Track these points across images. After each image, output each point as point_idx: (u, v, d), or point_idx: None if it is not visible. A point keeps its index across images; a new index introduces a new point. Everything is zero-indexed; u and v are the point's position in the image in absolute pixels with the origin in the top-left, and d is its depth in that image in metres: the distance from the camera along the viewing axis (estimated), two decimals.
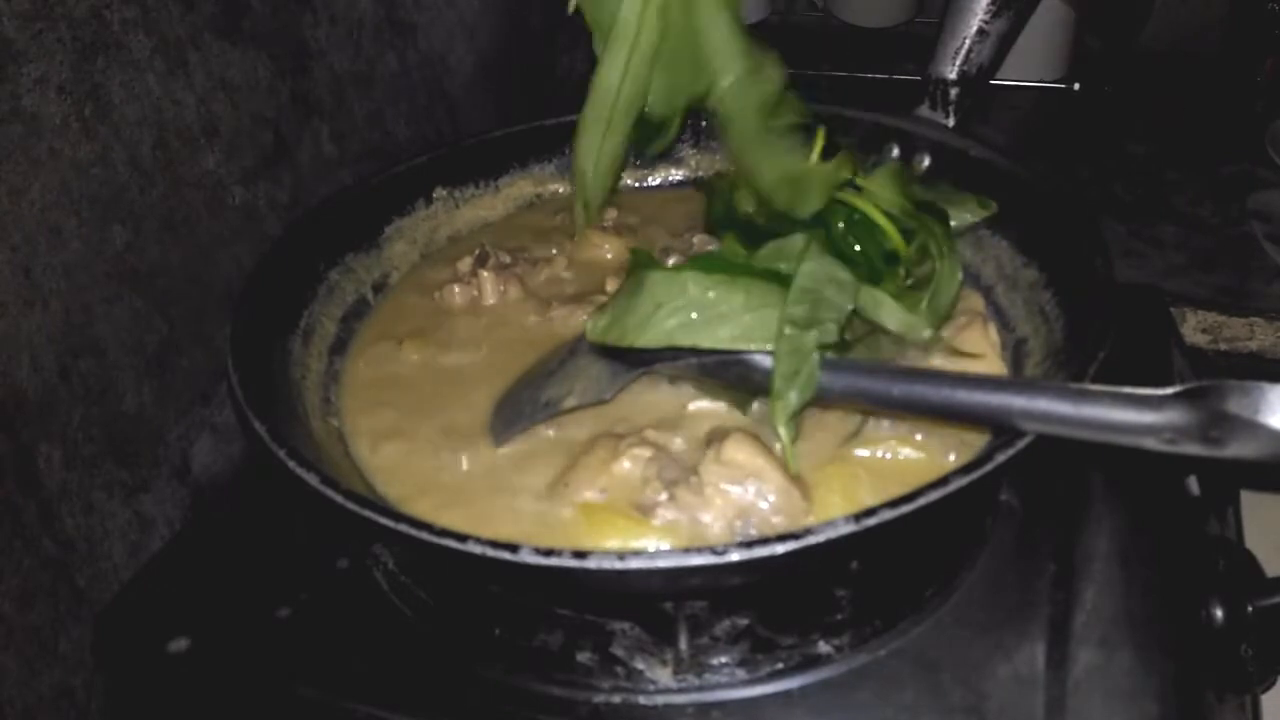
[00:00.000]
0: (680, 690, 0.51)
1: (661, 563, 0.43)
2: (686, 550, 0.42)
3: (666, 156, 0.82)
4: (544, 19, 1.20)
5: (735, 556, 0.42)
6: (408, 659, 0.54)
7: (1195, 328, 0.90)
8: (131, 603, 0.61)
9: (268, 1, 0.78)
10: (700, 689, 0.51)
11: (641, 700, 0.51)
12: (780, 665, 0.52)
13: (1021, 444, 0.45)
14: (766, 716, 0.50)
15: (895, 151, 0.74)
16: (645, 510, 0.51)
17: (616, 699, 0.51)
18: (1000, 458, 0.45)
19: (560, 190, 0.82)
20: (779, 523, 0.51)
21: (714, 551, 0.42)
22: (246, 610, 0.58)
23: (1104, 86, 1.16)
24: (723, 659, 0.52)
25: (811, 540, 0.42)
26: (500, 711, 0.52)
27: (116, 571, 0.69)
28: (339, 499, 0.46)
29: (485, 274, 0.71)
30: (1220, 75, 1.27)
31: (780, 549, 0.42)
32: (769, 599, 0.54)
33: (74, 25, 0.63)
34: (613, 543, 0.51)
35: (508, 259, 0.74)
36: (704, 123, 0.81)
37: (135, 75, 0.67)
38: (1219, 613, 0.53)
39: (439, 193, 0.77)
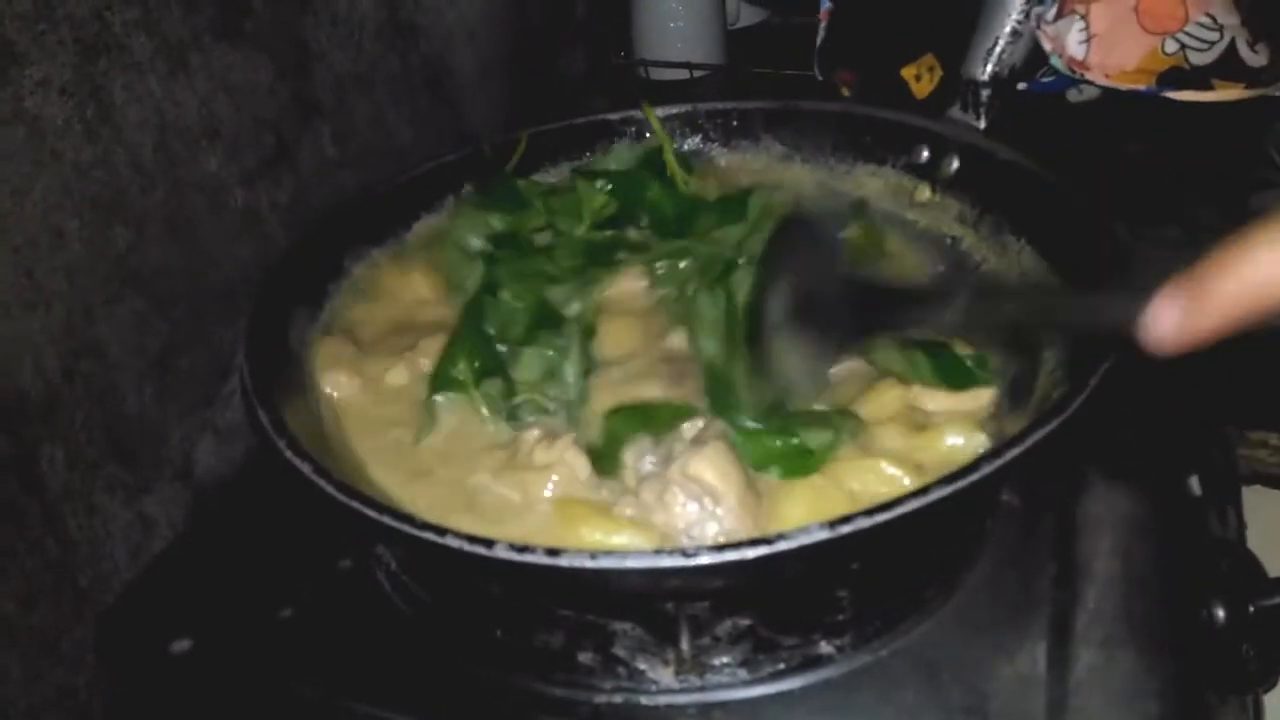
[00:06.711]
0: (682, 690, 0.51)
1: (632, 563, 0.42)
2: (658, 551, 0.43)
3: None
4: (545, 19, 1.20)
5: (705, 560, 0.41)
6: (410, 659, 0.54)
7: None
8: (134, 603, 0.61)
9: (269, 3, 0.78)
10: (702, 689, 0.51)
11: (643, 700, 0.51)
12: (782, 665, 0.52)
13: (989, 468, 0.44)
14: (768, 716, 0.50)
15: (925, 153, 0.73)
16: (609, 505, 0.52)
17: (618, 699, 0.51)
18: (960, 483, 0.43)
19: None
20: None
21: (684, 553, 0.41)
22: (249, 611, 0.58)
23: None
24: (724, 659, 0.52)
25: (782, 546, 0.41)
26: (501, 712, 0.52)
27: (119, 572, 0.69)
28: (329, 489, 0.46)
29: None
30: None
31: (751, 554, 0.41)
32: (770, 599, 0.54)
33: (76, 27, 0.63)
34: (594, 537, 0.51)
35: None
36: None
37: (137, 77, 0.67)
38: (1220, 613, 0.53)
39: (467, 189, 0.77)
